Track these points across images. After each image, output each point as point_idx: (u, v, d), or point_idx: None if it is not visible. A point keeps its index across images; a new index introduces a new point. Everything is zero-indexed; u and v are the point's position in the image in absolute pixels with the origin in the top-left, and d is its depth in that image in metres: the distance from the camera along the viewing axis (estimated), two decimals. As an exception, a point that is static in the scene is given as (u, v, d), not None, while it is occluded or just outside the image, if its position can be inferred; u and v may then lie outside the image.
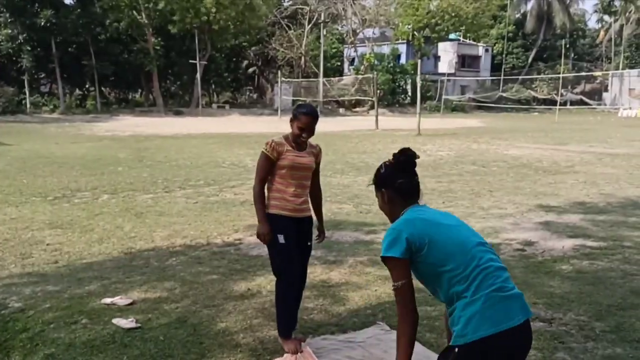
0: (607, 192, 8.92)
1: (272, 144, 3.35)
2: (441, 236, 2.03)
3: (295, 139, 3.40)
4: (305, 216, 3.52)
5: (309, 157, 3.45)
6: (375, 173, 2.28)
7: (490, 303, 1.93)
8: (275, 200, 3.42)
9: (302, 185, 3.45)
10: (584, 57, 62.63)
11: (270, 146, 3.35)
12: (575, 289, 4.36)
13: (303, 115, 3.35)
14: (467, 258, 2.00)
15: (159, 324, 3.84)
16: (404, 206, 2.19)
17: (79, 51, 36.91)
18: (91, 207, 7.92)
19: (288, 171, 3.37)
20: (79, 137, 20.60)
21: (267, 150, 3.36)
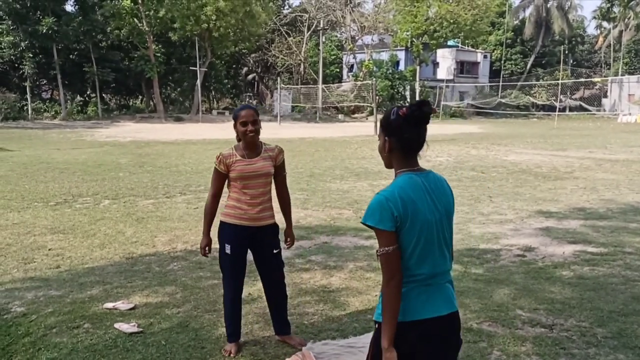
0: (608, 198, 8.94)
1: (219, 157, 3.35)
2: (416, 233, 1.99)
3: (245, 140, 3.32)
4: (266, 224, 3.43)
5: (263, 162, 3.35)
6: (384, 115, 2.10)
7: (415, 293, 2.00)
8: (229, 209, 3.41)
9: (259, 193, 3.36)
10: (582, 63, 62.86)
11: (218, 160, 3.36)
12: (576, 295, 4.37)
13: (241, 110, 3.37)
14: (424, 260, 2.00)
15: (160, 329, 3.86)
16: (403, 161, 2.06)
17: (80, 58, 37.11)
18: (93, 212, 7.93)
19: (240, 181, 3.33)
20: (80, 142, 20.64)
21: (216, 164, 3.37)
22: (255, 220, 3.38)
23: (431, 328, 1.99)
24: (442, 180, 2.15)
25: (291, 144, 19.61)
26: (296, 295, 4.45)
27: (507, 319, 3.92)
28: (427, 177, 2.07)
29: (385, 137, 2.08)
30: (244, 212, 3.35)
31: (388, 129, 2.07)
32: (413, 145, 2.06)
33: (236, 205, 3.37)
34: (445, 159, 14.77)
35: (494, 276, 4.87)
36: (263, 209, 3.39)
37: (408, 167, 2.06)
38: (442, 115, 40.31)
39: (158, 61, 36.77)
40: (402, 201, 1.95)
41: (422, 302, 1.99)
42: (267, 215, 3.44)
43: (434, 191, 2.06)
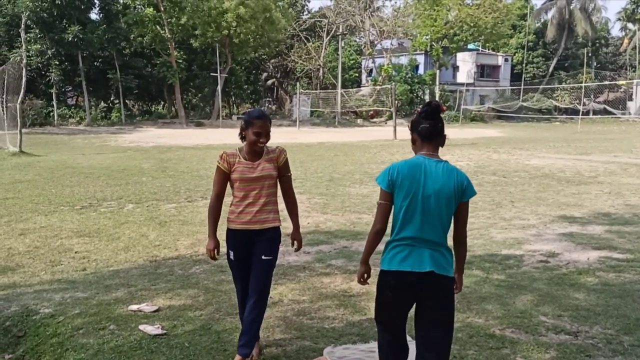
0: (633, 203, 8.77)
1: (223, 155, 3.32)
2: (402, 199, 2.59)
3: (252, 148, 3.25)
4: (266, 228, 3.33)
5: (265, 165, 3.29)
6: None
7: (397, 250, 2.62)
8: (231, 214, 3.38)
9: (259, 195, 3.30)
10: (607, 66, 61.67)
11: (221, 158, 3.32)
12: (601, 302, 4.30)
13: (257, 119, 3.21)
14: (406, 225, 2.59)
15: (184, 331, 3.91)
16: (420, 147, 2.66)
17: (104, 65, 37.87)
18: (117, 216, 8.08)
19: (240, 183, 3.29)
20: (104, 148, 21.03)
21: (219, 162, 3.32)
22: (256, 224, 3.32)
23: (407, 278, 2.55)
24: (452, 170, 2.60)
25: (310, 148, 19.68)
26: (317, 300, 4.47)
27: (531, 325, 3.88)
28: (436, 163, 2.59)
29: (411, 133, 2.70)
30: (244, 216, 3.32)
31: (412, 126, 2.69)
32: (427, 134, 2.62)
33: (237, 210, 3.34)
34: (466, 164, 14.63)
35: (516, 282, 4.82)
36: (264, 211, 3.32)
37: (423, 152, 2.63)
38: (462, 119, 39.98)
39: (180, 67, 37.28)
40: (398, 171, 2.59)
41: (402, 258, 2.57)
42: (269, 219, 3.35)
43: (431, 173, 2.56)
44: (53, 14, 33.57)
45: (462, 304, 4.25)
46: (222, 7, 34.20)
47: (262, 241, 3.35)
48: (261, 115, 3.28)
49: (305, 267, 5.41)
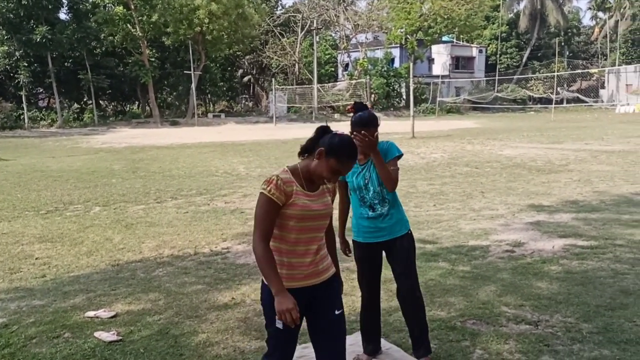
0: (601, 190, 8.88)
1: (276, 182, 2.29)
2: None
3: (319, 178, 2.37)
4: (328, 277, 2.47)
5: (325, 199, 2.42)
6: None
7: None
8: (280, 268, 2.33)
9: (317, 240, 2.42)
10: (579, 55, 62.71)
11: (275, 186, 2.28)
12: (563, 290, 4.31)
13: (351, 159, 2.34)
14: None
15: (140, 337, 3.81)
16: None
17: (75, 65, 37.07)
18: (82, 219, 7.88)
19: (297, 222, 2.33)
20: (76, 150, 20.60)
21: (270, 191, 2.27)
22: (315, 276, 2.41)
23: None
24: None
25: (286, 145, 19.56)
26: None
27: (492, 316, 3.86)
28: None
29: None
30: (299, 269, 2.37)
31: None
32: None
33: (287, 260, 2.36)
34: (440, 155, 14.70)
35: (481, 273, 4.81)
36: (322, 258, 2.46)
37: None
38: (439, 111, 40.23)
39: (152, 66, 36.73)
40: None
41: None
42: (327, 266, 2.50)
43: None
44: (20, 14, 32.71)
45: (425, 297, 4.16)
46: (194, 4, 33.76)
47: (327, 295, 2.47)
48: (355, 156, 2.38)
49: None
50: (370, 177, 3.14)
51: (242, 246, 6.08)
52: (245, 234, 6.60)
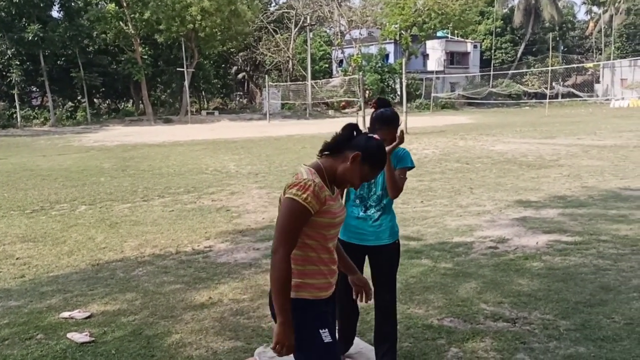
0: (590, 185, 8.84)
1: (314, 189, 1.98)
2: None
3: (343, 184, 2.16)
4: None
5: (340, 202, 2.26)
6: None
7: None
8: (311, 277, 2.09)
9: (335, 247, 2.26)
10: (574, 50, 62.74)
11: (312, 193, 1.97)
12: (543, 287, 4.27)
13: (380, 167, 2.17)
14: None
15: (113, 337, 3.75)
16: None
17: (67, 64, 36.82)
18: (67, 218, 7.81)
19: (326, 231, 2.09)
20: (67, 148, 20.45)
21: (306, 199, 1.95)
22: (333, 286, 2.25)
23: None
24: None
25: (278, 141, 19.49)
26: (257, 298, 4.34)
27: (470, 314, 3.81)
28: None
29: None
30: (327, 278, 2.15)
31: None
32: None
33: (320, 269, 2.12)
34: (432, 151, 14.65)
35: (462, 270, 4.76)
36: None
37: None
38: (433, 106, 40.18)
39: (145, 64, 36.53)
40: None
41: None
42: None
43: None
44: (11, 12, 32.46)
45: (405, 295, 4.17)
46: (186, 1, 33.59)
47: (333, 309, 2.38)
48: (384, 163, 2.22)
49: (252, 264, 5.27)
50: (375, 178, 2.96)
51: (225, 245, 6.02)
52: (228, 232, 6.54)
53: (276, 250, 1.96)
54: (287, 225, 1.96)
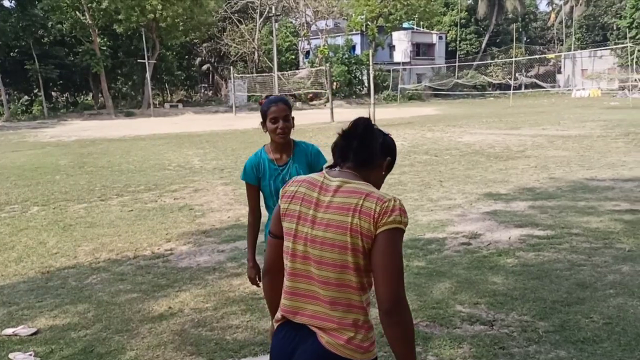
0: (558, 176, 8.86)
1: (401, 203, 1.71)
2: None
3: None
4: None
5: None
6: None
7: None
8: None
9: None
10: (536, 41, 64.07)
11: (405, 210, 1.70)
12: (519, 285, 4.13)
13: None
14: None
15: (61, 357, 3.42)
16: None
17: (21, 55, 35.19)
18: (17, 221, 7.30)
19: None
20: (21, 144, 19.49)
21: (407, 222, 1.57)
22: None
23: None
24: None
25: (245, 135, 19.04)
26: (222, 306, 4.05)
27: (446, 317, 3.63)
28: None
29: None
30: None
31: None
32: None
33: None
34: (400, 144, 14.52)
35: (436, 268, 4.59)
36: None
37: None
38: (400, 98, 40.32)
39: (104, 55, 35.29)
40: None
41: None
42: None
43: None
44: (-42, 0, 30.77)
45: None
46: (147, -10, 32.53)
47: None
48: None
49: (215, 268, 4.97)
50: (285, 181, 2.77)
51: (187, 247, 5.69)
52: (191, 233, 6.20)
53: (400, 301, 1.48)
54: (401, 261, 1.51)
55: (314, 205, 1.58)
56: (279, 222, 1.65)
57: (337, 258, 1.51)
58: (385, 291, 1.46)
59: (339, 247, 1.50)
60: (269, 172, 2.68)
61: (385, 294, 1.46)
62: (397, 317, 1.47)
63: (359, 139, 1.63)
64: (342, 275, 1.51)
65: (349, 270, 1.50)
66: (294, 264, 1.59)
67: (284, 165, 2.69)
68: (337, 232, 1.51)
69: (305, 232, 1.56)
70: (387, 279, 1.46)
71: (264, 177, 2.69)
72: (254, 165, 2.71)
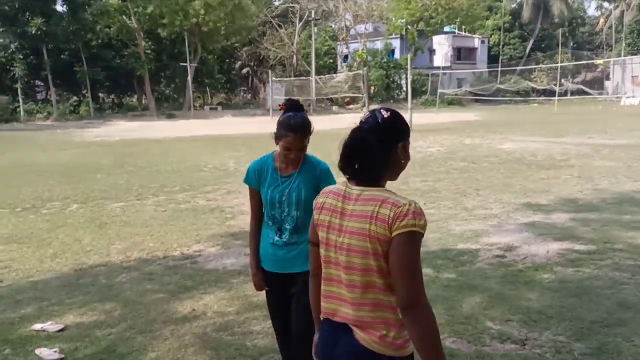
0: (602, 188, 8.45)
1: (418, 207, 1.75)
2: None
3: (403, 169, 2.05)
4: None
5: None
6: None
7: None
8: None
9: None
10: (583, 46, 61.85)
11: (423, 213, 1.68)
12: (555, 303, 3.91)
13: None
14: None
15: (84, 355, 3.45)
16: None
17: (71, 58, 36.58)
18: (56, 218, 7.52)
19: None
20: (68, 143, 20.22)
21: (424, 225, 1.60)
22: None
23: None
24: None
25: (281, 138, 19.12)
26: (244, 311, 4.02)
27: (475, 333, 3.47)
28: None
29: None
30: None
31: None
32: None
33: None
34: (437, 150, 14.26)
35: (467, 281, 4.41)
36: None
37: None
38: (439, 103, 39.67)
39: (148, 58, 36.25)
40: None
41: None
42: None
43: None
44: (15, 6, 32.25)
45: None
46: (190, -5, 33.26)
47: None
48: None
49: (241, 271, 4.94)
50: (288, 194, 2.54)
51: (215, 249, 5.70)
52: (220, 235, 6.22)
53: (417, 300, 1.54)
54: (417, 262, 1.56)
55: (339, 215, 1.67)
56: (314, 231, 1.77)
57: (361, 262, 1.60)
58: (402, 290, 1.54)
59: (362, 252, 1.59)
60: (270, 180, 2.57)
61: (402, 293, 1.54)
62: (415, 316, 1.52)
63: (357, 159, 1.65)
64: (368, 278, 1.60)
65: (373, 273, 1.59)
66: (329, 269, 1.71)
67: (287, 176, 2.55)
68: (359, 239, 1.59)
69: (334, 240, 1.67)
70: (403, 278, 1.53)
71: (264, 184, 2.59)
72: (256, 169, 2.62)
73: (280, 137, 2.44)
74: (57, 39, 33.78)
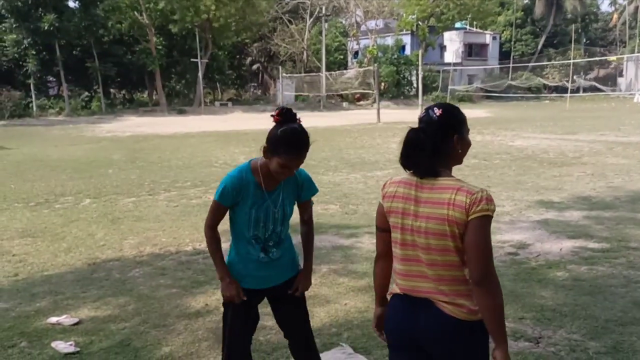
0: (616, 185, 8.37)
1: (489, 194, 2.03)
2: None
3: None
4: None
5: None
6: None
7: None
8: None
9: None
10: (596, 42, 61.14)
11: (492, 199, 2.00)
12: (569, 301, 3.89)
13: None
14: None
15: (99, 348, 3.49)
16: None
17: (83, 54, 36.88)
18: (69, 212, 7.60)
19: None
20: (79, 139, 20.40)
21: (494, 209, 1.89)
22: None
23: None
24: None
25: (291, 134, 19.15)
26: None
27: (488, 331, 3.45)
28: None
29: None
30: None
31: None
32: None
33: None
34: (448, 146, 14.18)
35: (479, 279, 4.39)
36: None
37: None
38: (450, 99, 39.42)
39: (159, 54, 36.43)
40: None
41: None
42: None
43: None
44: (28, 2, 32.50)
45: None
46: (201, -9, 33.35)
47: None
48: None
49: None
50: (275, 212, 2.37)
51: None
52: (232, 231, 6.24)
53: (489, 274, 1.76)
54: (489, 241, 1.79)
55: (413, 202, 1.84)
56: (384, 218, 1.94)
57: (440, 244, 1.79)
58: (476, 266, 1.74)
59: (440, 235, 1.78)
60: (253, 198, 2.32)
61: (476, 269, 1.74)
62: (487, 287, 1.74)
63: (415, 156, 1.85)
64: (446, 257, 1.79)
65: (450, 252, 1.79)
66: (405, 251, 1.88)
67: (272, 191, 2.35)
68: (437, 223, 1.78)
69: (410, 225, 1.84)
70: (478, 255, 1.74)
71: (245, 203, 2.32)
72: (236, 188, 2.31)
73: (278, 154, 2.20)
74: (69, 35, 34.02)
